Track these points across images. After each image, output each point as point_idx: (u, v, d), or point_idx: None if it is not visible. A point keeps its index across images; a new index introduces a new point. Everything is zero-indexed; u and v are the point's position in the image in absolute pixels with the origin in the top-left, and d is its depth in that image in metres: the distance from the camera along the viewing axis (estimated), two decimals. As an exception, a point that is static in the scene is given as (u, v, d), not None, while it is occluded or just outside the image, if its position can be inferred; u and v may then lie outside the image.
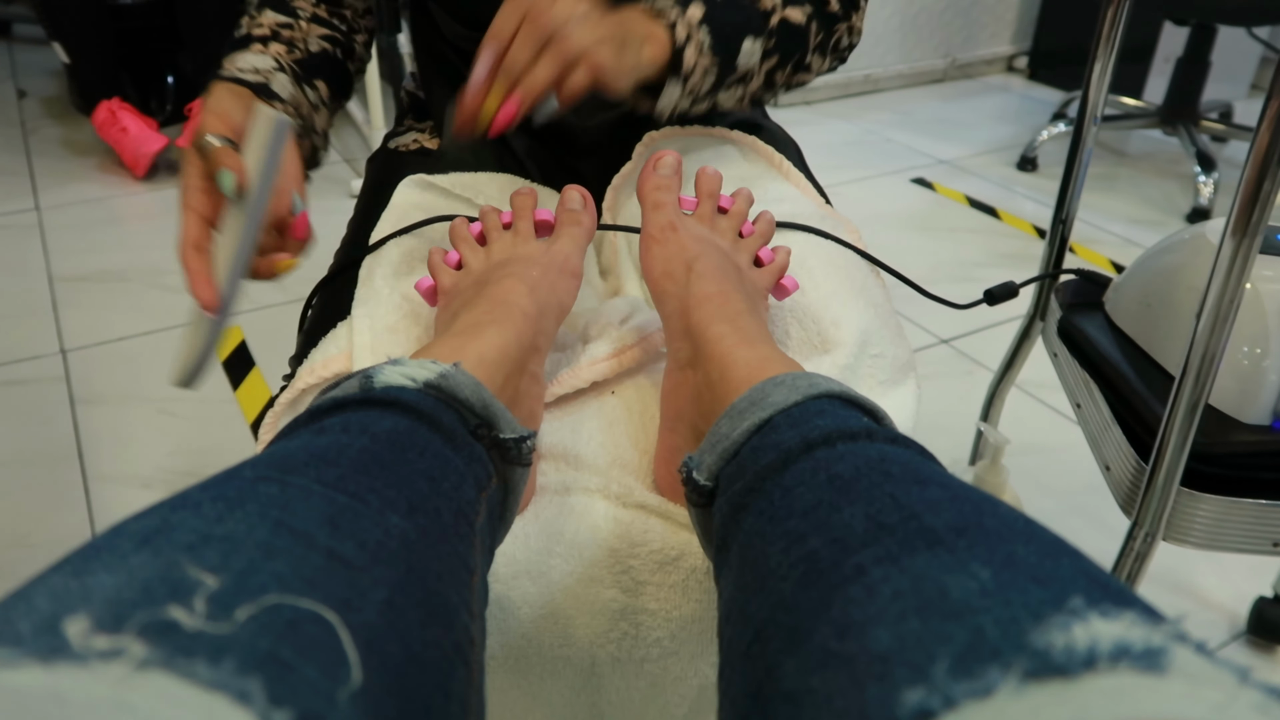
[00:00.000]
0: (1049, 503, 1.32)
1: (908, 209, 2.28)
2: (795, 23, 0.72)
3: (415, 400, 0.39)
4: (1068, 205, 0.89)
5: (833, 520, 0.32)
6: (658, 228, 0.57)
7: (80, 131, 2.53)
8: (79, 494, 1.34)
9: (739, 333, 0.49)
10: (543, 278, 0.55)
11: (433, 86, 0.89)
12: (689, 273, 0.54)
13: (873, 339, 0.64)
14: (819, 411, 0.39)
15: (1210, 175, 2.24)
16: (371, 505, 0.32)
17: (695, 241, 0.57)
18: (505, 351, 0.48)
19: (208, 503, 0.30)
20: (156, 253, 1.98)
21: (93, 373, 1.60)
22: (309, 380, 0.61)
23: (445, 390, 0.40)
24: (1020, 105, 3.02)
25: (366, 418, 0.37)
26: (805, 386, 0.41)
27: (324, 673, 0.25)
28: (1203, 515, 0.66)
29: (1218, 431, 0.68)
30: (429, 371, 0.41)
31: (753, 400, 0.41)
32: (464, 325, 0.50)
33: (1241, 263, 0.61)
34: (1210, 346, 0.63)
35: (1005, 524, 0.30)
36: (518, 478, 0.43)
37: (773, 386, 0.42)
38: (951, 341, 1.73)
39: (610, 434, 0.56)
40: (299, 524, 0.29)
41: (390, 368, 0.41)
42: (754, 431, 0.40)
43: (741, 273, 0.58)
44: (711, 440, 0.42)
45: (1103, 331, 0.79)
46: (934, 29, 3.07)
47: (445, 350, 0.47)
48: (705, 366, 0.49)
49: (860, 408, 0.41)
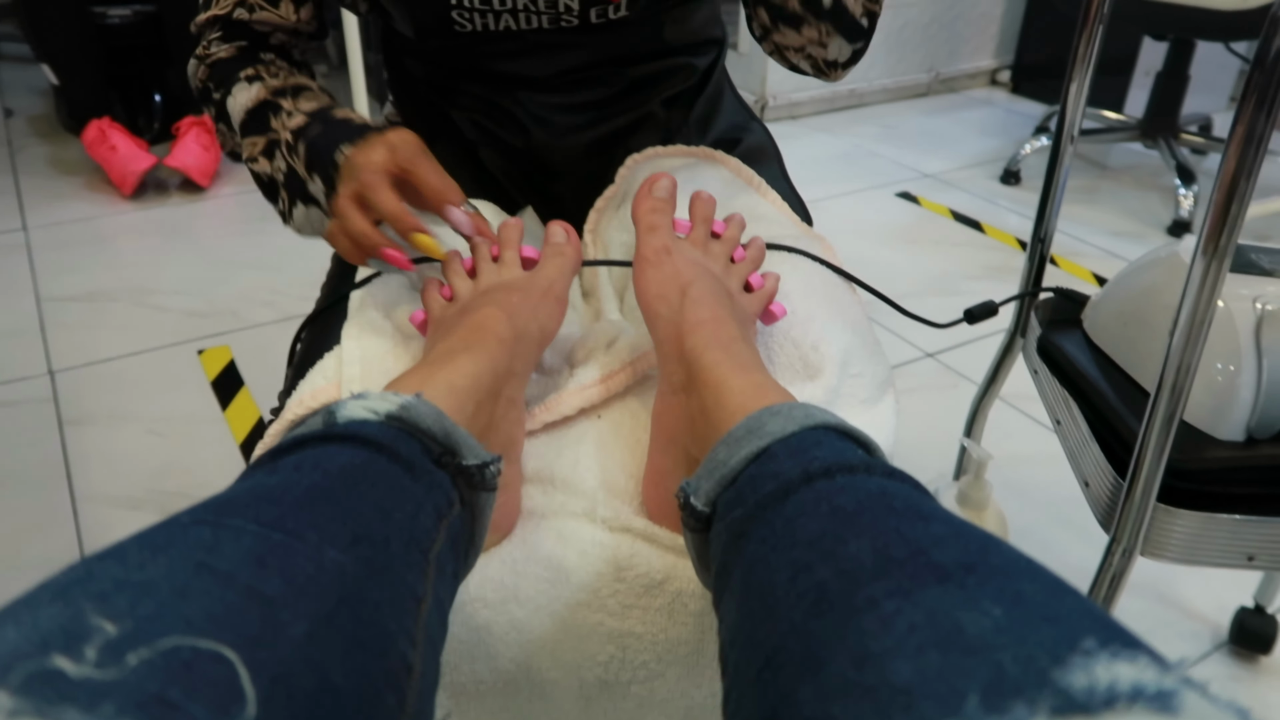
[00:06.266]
0: (1034, 514, 1.33)
1: (893, 223, 2.31)
2: None
3: (375, 433, 0.40)
4: (1046, 223, 0.91)
5: (839, 552, 0.33)
6: (652, 250, 0.58)
7: (67, 150, 2.54)
8: (68, 515, 1.34)
9: (733, 359, 0.50)
10: (523, 303, 0.56)
11: (407, 112, 0.90)
12: (683, 297, 0.55)
13: (853, 359, 0.65)
14: (816, 442, 0.40)
15: (1190, 188, 2.27)
16: (308, 541, 0.33)
17: (689, 266, 0.58)
18: (477, 378, 0.49)
19: (134, 549, 0.31)
20: (144, 272, 1.98)
21: (81, 393, 1.60)
22: (297, 412, 0.62)
23: (407, 421, 0.41)
24: (1004, 118, 3.05)
25: (322, 454, 0.38)
26: (801, 417, 0.42)
27: (215, 710, 0.26)
28: (1179, 531, 0.67)
29: (1193, 448, 0.69)
30: (390, 404, 0.42)
31: (750, 428, 0.42)
32: (438, 353, 0.51)
33: (1212, 281, 0.63)
34: (1184, 363, 0.64)
35: (1010, 562, 0.32)
36: (484, 503, 0.44)
37: (769, 415, 0.43)
38: (936, 355, 1.75)
39: (597, 457, 0.57)
40: (223, 564, 0.30)
41: (354, 402, 0.42)
42: (752, 459, 0.41)
43: (733, 298, 0.59)
44: (709, 467, 0.43)
45: (1081, 349, 0.80)
46: (918, 44, 3.10)
47: (416, 379, 0.48)
48: (700, 393, 0.50)
49: (854, 440, 0.42)
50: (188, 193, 2.34)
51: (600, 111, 0.82)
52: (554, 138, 0.81)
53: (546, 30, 0.76)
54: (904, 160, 2.67)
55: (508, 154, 0.83)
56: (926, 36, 3.11)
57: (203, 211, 2.25)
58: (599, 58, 0.79)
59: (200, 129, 2.33)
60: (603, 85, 0.81)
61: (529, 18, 0.75)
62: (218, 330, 1.78)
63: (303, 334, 0.75)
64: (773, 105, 2.90)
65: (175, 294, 1.90)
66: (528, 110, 0.80)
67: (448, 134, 0.85)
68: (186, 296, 1.89)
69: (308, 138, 0.67)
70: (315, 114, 0.69)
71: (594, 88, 0.81)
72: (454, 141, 0.85)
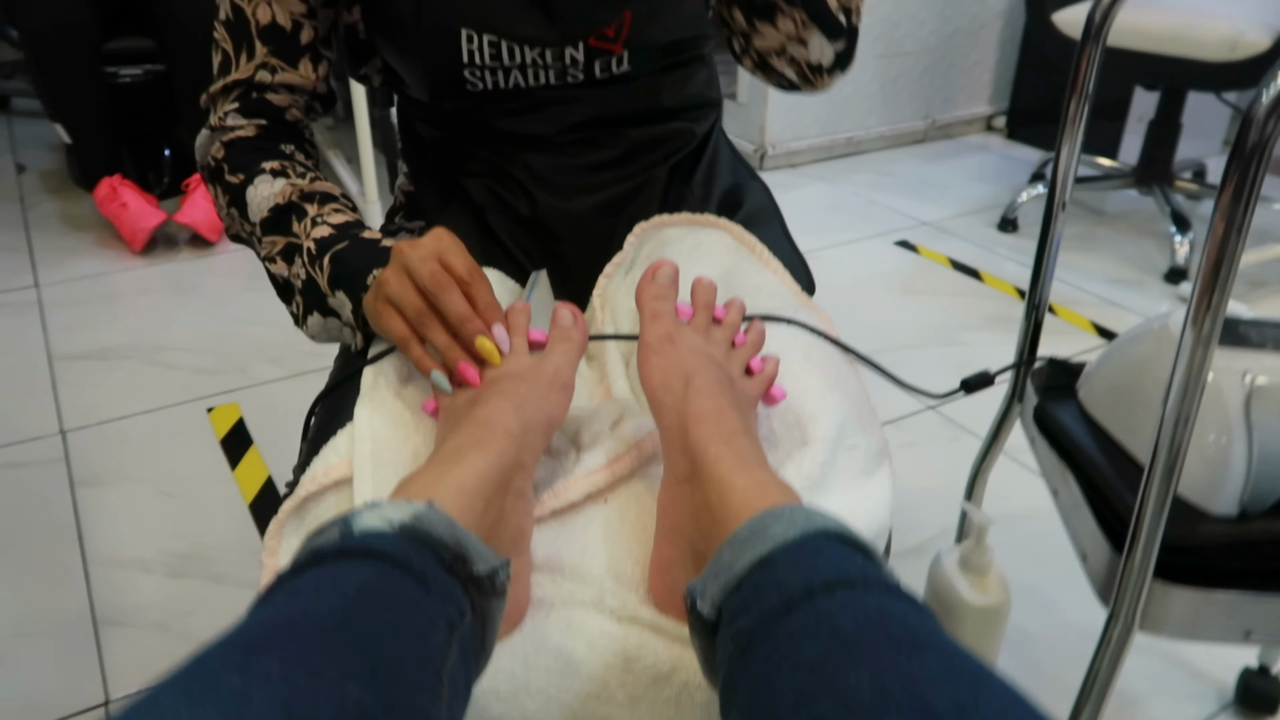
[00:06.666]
0: (1037, 573, 1.34)
1: (892, 272, 2.33)
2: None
3: (389, 546, 0.42)
4: (1041, 288, 0.93)
5: (840, 684, 0.35)
6: (656, 338, 0.60)
7: (78, 205, 2.58)
8: (79, 578, 1.35)
9: (736, 455, 0.52)
10: (530, 393, 0.58)
11: (421, 182, 0.93)
12: (686, 387, 0.57)
13: (848, 431, 0.67)
14: (817, 550, 0.42)
15: (1186, 235, 2.30)
16: (330, 678, 0.34)
17: (692, 354, 0.60)
18: (486, 475, 0.51)
19: (169, 700, 0.33)
20: (155, 328, 2.01)
21: (92, 453, 1.62)
22: (310, 489, 0.64)
23: (420, 530, 0.43)
24: (999, 164, 3.09)
25: (340, 572, 0.40)
26: (803, 521, 0.44)
27: None
28: (1176, 607, 0.68)
29: (1187, 523, 0.70)
30: (404, 513, 0.44)
31: (753, 531, 0.44)
32: (448, 450, 0.53)
33: (1201, 356, 0.64)
34: (1176, 437, 0.66)
35: (1004, 709, 0.34)
36: (494, 609, 0.46)
37: (772, 518, 0.44)
38: (937, 408, 1.76)
39: (605, 544, 0.59)
40: (253, 717, 0.32)
41: (368, 512, 0.44)
42: (756, 565, 0.43)
43: (735, 385, 0.61)
44: (714, 569, 0.45)
45: (1076, 420, 0.82)
46: (914, 91, 3.15)
47: (428, 480, 0.49)
48: (704, 487, 0.51)
49: (854, 545, 0.44)
50: (197, 248, 2.37)
51: (603, 174, 0.85)
52: (559, 201, 0.84)
53: (553, 86, 0.80)
54: (902, 208, 2.70)
55: (516, 220, 0.86)
56: (922, 85, 3.16)
57: (211, 267, 2.29)
58: (602, 115, 0.83)
59: (209, 185, 2.37)
60: (605, 148, 0.84)
61: (537, 73, 0.79)
62: (226, 388, 1.81)
63: (317, 408, 0.77)
64: (772, 154, 2.94)
65: (185, 351, 1.92)
66: (534, 174, 0.83)
67: (459, 200, 0.88)
68: (196, 354, 1.92)
69: (334, 253, 0.68)
70: (342, 229, 0.70)
71: (597, 150, 0.84)
72: (465, 208, 0.87)
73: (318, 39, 0.77)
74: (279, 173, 0.74)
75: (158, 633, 1.27)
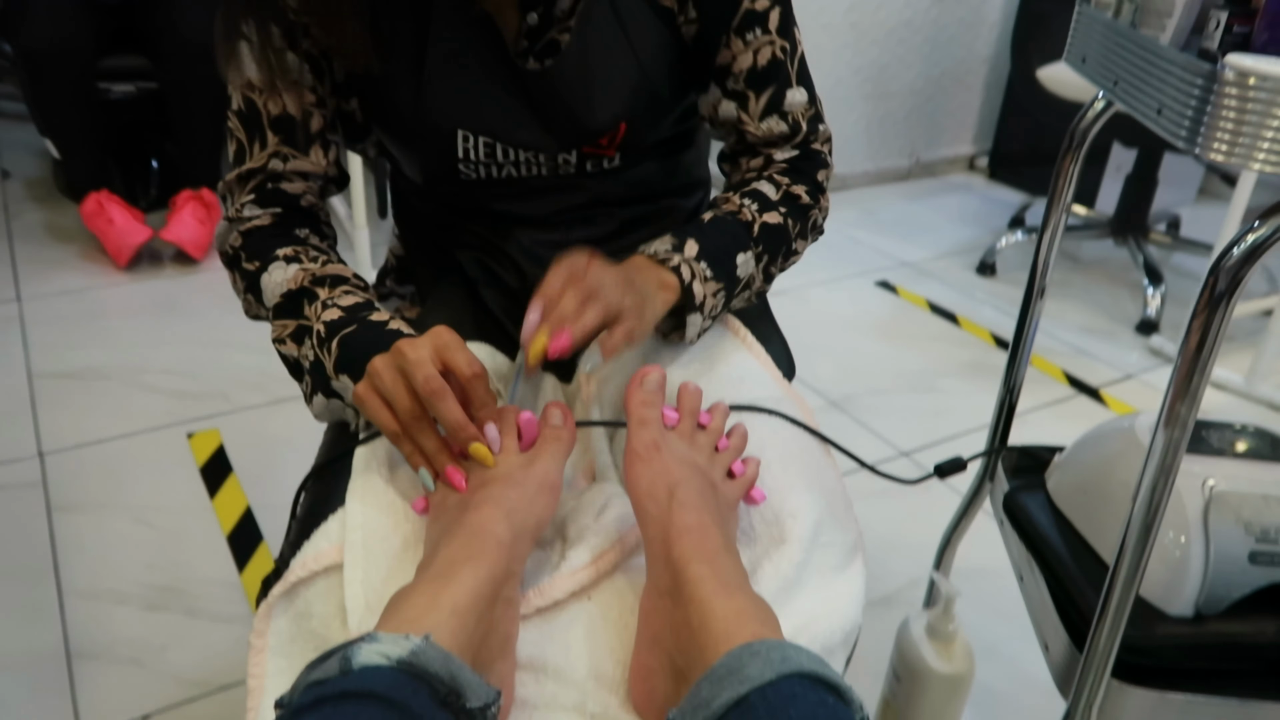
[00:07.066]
0: (1001, 629, 1.37)
1: (871, 314, 2.37)
2: (774, 224, 0.82)
3: (387, 688, 0.44)
4: (1015, 375, 0.96)
5: None
6: (643, 445, 0.63)
7: (63, 216, 2.57)
8: (54, 609, 1.35)
9: (717, 576, 0.54)
10: (520, 499, 0.60)
11: (412, 246, 0.95)
12: (670, 498, 0.59)
13: (824, 528, 0.70)
14: (791, 698, 0.44)
15: (1158, 288, 2.35)
16: None
17: (678, 464, 0.62)
18: (478, 593, 0.53)
19: None
20: (138, 350, 2.01)
21: (70, 478, 1.62)
22: (300, 574, 0.65)
23: (416, 667, 0.45)
24: (980, 206, 3.14)
25: (341, 713, 0.42)
26: (779, 662, 0.46)
27: None
28: (1133, 706, 0.71)
29: (1145, 623, 0.73)
30: (401, 649, 0.46)
31: (730, 669, 0.47)
32: (441, 564, 0.55)
33: (1172, 454, 0.67)
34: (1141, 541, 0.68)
35: None
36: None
37: (749, 656, 0.47)
38: (910, 454, 1.79)
39: (588, 644, 0.61)
40: None
41: (367, 646, 0.46)
42: (732, 706, 0.45)
43: (717, 490, 0.63)
44: (692, 703, 0.47)
45: (1043, 511, 0.85)
46: (899, 130, 3.20)
47: (422, 602, 0.51)
48: (685, 607, 0.54)
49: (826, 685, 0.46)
50: (181, 265, 2.37)
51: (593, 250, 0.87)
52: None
53: (545, 177, 0.83)
54: (883, 248, 2.74)
55: (507, 294, 0.88)
56: (908, 125, 3.21)
57: (196, 285, 2.29)
58: (593, 199, 0.85)
59: (197, 204, 2.37)
60: (595, 225, 0.87)
61: (530, 168, 0.81)
62: (207, 413, 1.81)
63: (308, 484, 0.79)
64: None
65: (166, 374, 1.93)
66: (524, 250, 0.85)
67: (451, 272, 0.89)
68: (178, 376, 1.92)
69: (342, 336, 0.69)
70: (351, 310, 0.71)
71: (587, 227, 0.87)
72: (457, 281, 0.89)
73: (327, 126, 0.79)
74: (292, 259, 0.75)
75: (132, 668, 1.27)
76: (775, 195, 0.83)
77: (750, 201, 0.82)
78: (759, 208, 0.82)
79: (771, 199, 0.83)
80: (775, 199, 0.83)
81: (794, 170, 0.85)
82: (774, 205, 0.83)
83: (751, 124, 0.83)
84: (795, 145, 0.85)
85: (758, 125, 0.83)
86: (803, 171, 0.86)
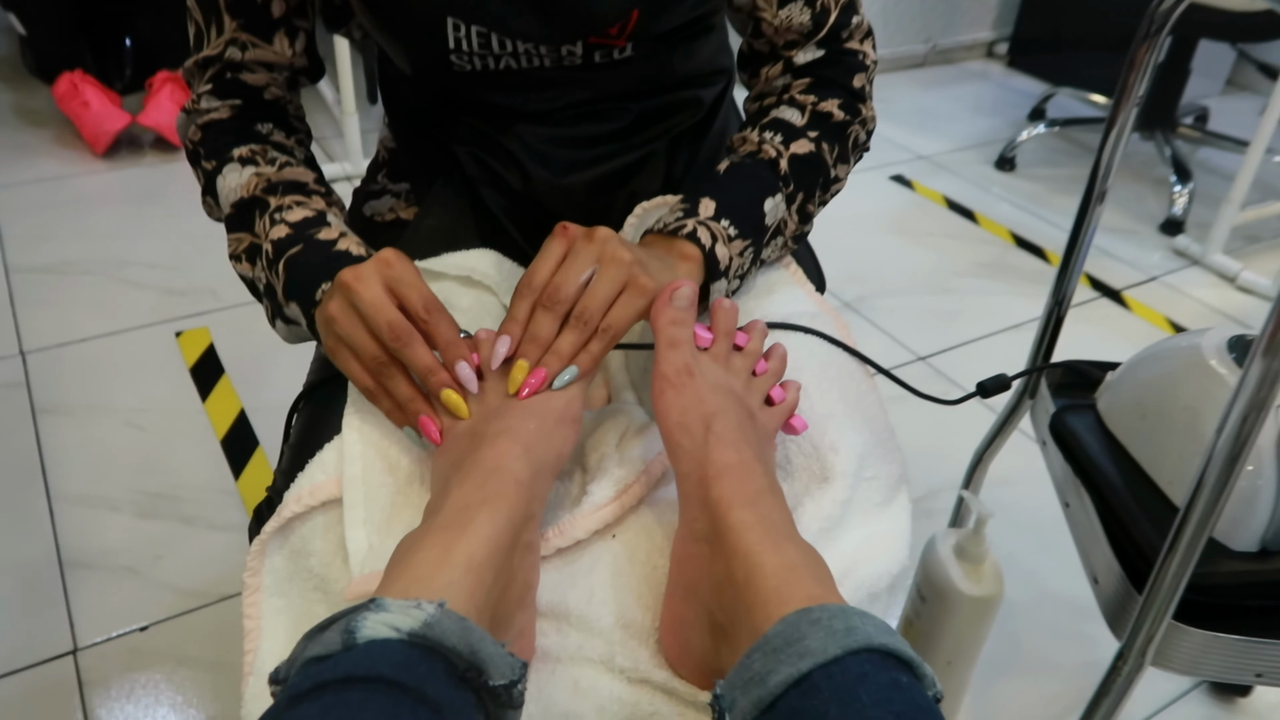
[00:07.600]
0: (1017, 540, 1.34)
1: (887, 209, 2.28)
2: (805, 154, 0.71)
3: (397, 668, 0.38)
4: (1066, 286, 0.89)
5: None
6: (674, 370, 0.56)
7: (35, 98, 2.43)
8: (44, 515, 1.31)
9: (763, 523, 0.48)
10: (539, 431, 0.54)
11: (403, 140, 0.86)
12: (707, 432, 0.53)
13: (868, 461, 0.64)
14: (861, 677, 0.39)
15: (1186, 185, 2.26)
16: None
17: (713, 393, 0.55)
18: (496, 543, 0.47)
19: None
20: (119, 242, 1.92)
21: (55, 378, 1.55)
22: (295, 509, 0.60)
23: (431, 640, 0.39)
24: (998, 95, 3.00)
25: (344, 705, 0.36)
26: (843, 634, 0.40)
27: None
28: (1190, 647, 0.67)
29: (1207, 559, 0.68)
30: (413, 619, 0.40)
31: (788, 639, 0.41)
32: (453, 510, 0.48)
33: (1269, 386, 0.60)
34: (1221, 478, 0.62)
35: None
36: (509, 719, 0.43)
37: (809, 625, 0.41)
38: (927, 359, 1.73)
39: (613, 589, 0.55)
40: None
41: (373, 616, 0.40)
42: (793, 685, 0.39)
43: (755, 419, 0.57)
44: (744, 676, 0.41)
45: (1094, 435, 0.79)
46: (915, 14, 3.04)
47: (434, 553, 0.45)
48: (727, 558, 0.48)
49: (896, 658, 0.40)
50: (162, 151, 2.26)
51: (602, 148, 0.79)
52: (554, 176, 0.77)
53: (548, 68, 0.73)
54: (899, 140, 2.63)
55: (509, 195, 0.79)
56: (925, 8, 3.04)
57: (178, 173, 2.18)
58: (603, 93, 0.76)
59: (174, 85, 2.24)
60: (605, 120, 0.78)
61: (530, 59, 0.72)
62: (196, 310, 1.74)
63: (300, 404, 0.72)
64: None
65: (151, 268, 1.84)
66: (527, 146, 0.77)
67: (448, 171, 0.81)
68: (163, 271, 1.84)
69: (288, 258, 0.62)
70: (299, 227, 0.63)
71: (596, 122, 0.78)
72: (456, 181, 0.81)
73: (290, 11, 0.69)
74: (248, 160, 0.67)
75: (127, 577, 1.24)
76: (801, 120, 0.72)
77: (772, 134, 0.71)
78: (783, 139, 0.71)
79: (797, 126, 0.72)
80: (802, 124, 0.72)
81: (820, 84, 0.74)
82: (801, 132, 0.71)
83: (768, 10, 0.72)
84: (820, 43, 0.74)
85: (775, 13, 0.72)
86: (832, 82, 0.74)
